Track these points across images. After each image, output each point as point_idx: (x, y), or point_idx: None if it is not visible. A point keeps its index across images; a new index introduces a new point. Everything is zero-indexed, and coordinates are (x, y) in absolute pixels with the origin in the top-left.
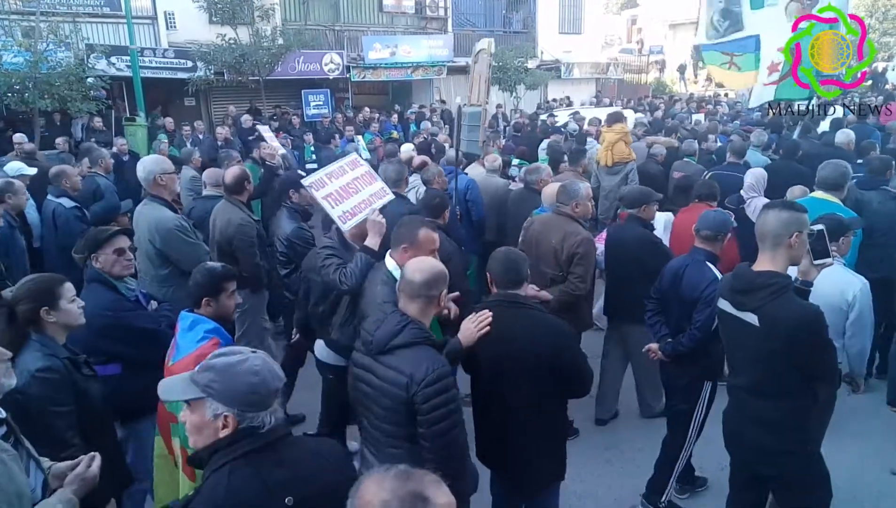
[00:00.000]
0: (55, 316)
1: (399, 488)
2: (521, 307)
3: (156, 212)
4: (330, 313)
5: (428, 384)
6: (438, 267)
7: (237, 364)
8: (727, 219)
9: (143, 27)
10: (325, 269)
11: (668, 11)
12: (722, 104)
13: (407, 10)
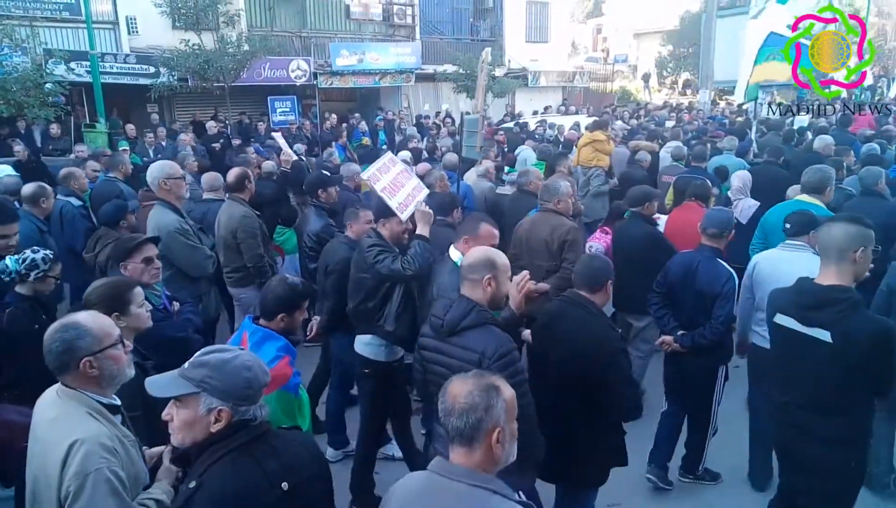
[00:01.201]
0: (125, 321)
1: (478, 382)
2: (577, 307)
3: (159, 215)
4: (379, 307)
5: (497, 358)
6: (484, 254)
7: (231, 360)
8: (731, 217)
9: (104, 32)
10: (381, 264)
11: (632, 21)
12: (689, 112)
13: (374, 17)
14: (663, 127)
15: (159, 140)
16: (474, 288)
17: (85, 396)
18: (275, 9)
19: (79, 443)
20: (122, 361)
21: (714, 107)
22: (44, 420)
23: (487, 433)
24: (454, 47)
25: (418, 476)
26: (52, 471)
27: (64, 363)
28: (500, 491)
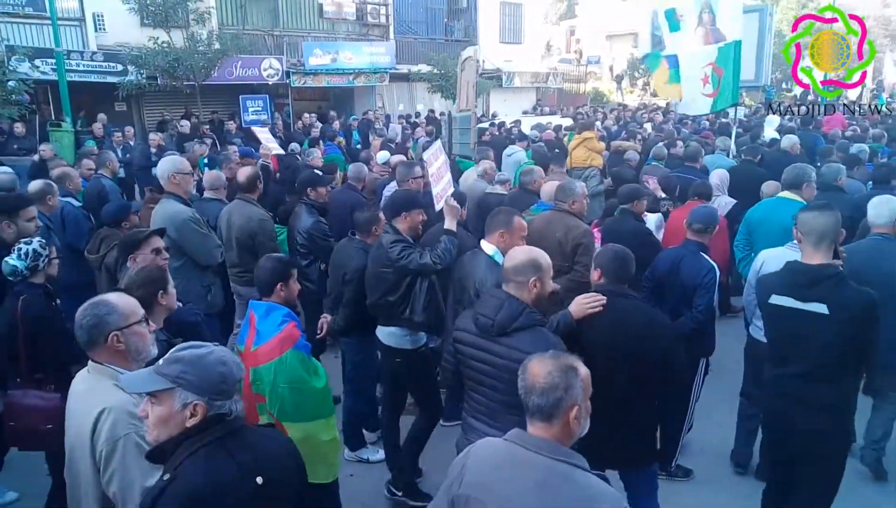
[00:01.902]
0: (165, 300)
1: (557, 362)
2: (627, 299)
3: (170, 206)
4: (402, 300)
5: None
6: (529, 256)
7: (206, 356)
8: (715, 213)
9: (70, 29)
10: (406, 259)
11: (604, 23)
12: (664, 114)
13: (348, 16)
14: (641, 128)
15: (127, 139)
16: (521, 289)
17: (112, 369)
18: (246, 7)
19: (107, 411)
20: (146, 338)
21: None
22: (76, 393)
23: (566, 411)
24: (428, 47)
25: (496, 445)
26: (86, 438)
27: (94, 337)
28: (581, 466)
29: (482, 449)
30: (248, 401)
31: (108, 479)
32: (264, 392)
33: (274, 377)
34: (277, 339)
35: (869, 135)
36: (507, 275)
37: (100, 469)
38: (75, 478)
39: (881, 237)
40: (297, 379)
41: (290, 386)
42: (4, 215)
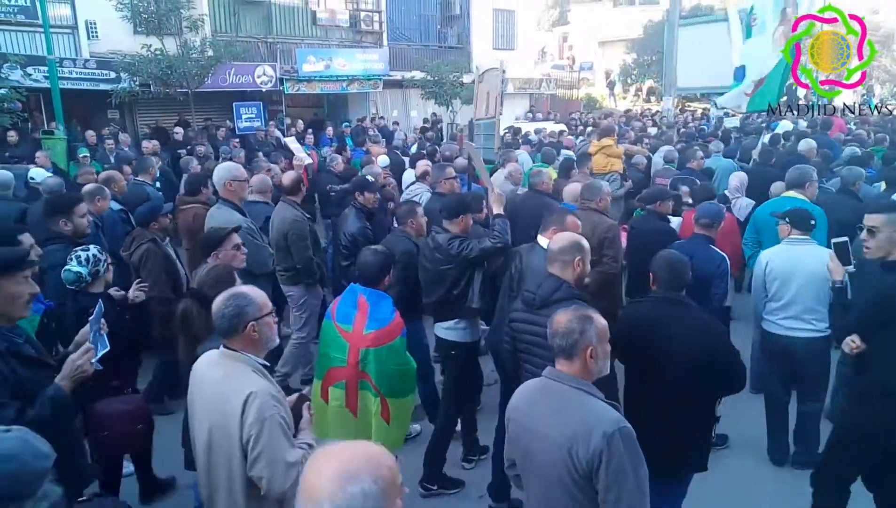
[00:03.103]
0: None
1: (575, 312)
2: (680, 306)
3: (226, 215)
4: (464, 293)
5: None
6: (572, 238)
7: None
8: (721, 209)
9: (63, 36)
10: (467, 250)
11: (597, 29)
12: (650, 118)
13: (341, 23)
14: (645, 133)
15: (121, 146)
16: (565, 268)
17: (247, 356)
18: (239, 14)
19: (254, 395)
20: (274, 328)
21: (678, 114)
22: (213, 379)
23: (583, 350)
24: (422, 54)
25: (535, 381)
26: (231, 420)
27: (233, 325)
28: (593, 393)
29: (524, 385)
30: (352, 378)
31: (254, 458)
32: (371, 372)
33: (385, 359)
34: (391, 327)
35: (870, 139)
36: (552, 256)
37: (246, 449)
38: (216, 458)
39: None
40: (403, 362)
41: (398, 368)
42: (60, 214)
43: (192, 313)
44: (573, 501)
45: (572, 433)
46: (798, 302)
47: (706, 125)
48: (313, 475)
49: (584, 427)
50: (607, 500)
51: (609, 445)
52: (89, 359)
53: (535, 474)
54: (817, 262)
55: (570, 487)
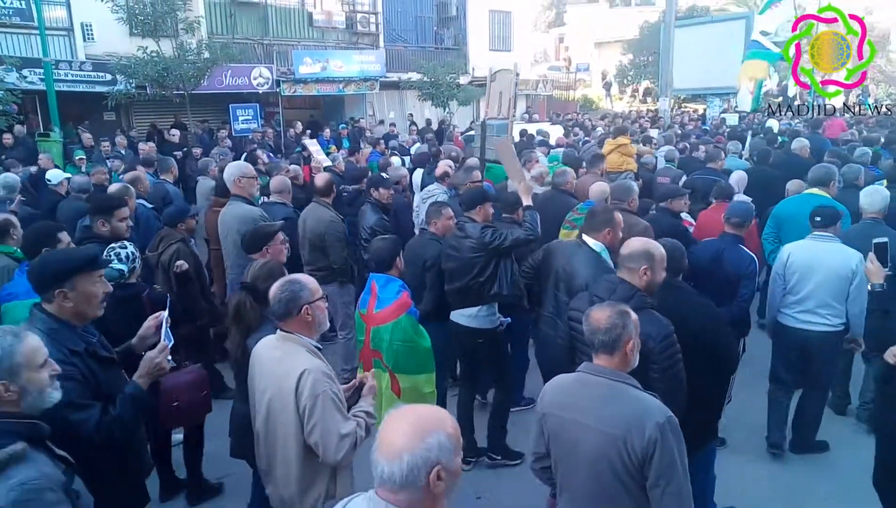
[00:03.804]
0: None
1: (613, 308)
2: (678, 290)
3: (240, 208)
4: (489, 279)
5: (662, 339)
6: (643, 246)
7: None
8: (752, 209)
9: (59, 39)
10: (500, 239)
11: (593, 30)
12: (653, 121)
13: (338, 24)
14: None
15: (118, 147)
16: (632, 275)
17: (301, 338)
18: (236, 16)
19: (307, 372)
20: (325, 312)
21: (674, 115)
22: (271, 358)
23: (625, 344)
24: (418, 55)
25: (567, 377)
26: (288, 394)
27: (289, 309)
28: (635, 385)
29: (556, 381)
30: (366, 356)
31: (310, 429)
32: (381, 349)
33: (391, 335)
34: (395, 305)
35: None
36: (621, 261)
37: (302, 421)
38: (273, 428)
39: (872, 221)
40: (408, 338)
41: (404, 344)
42: (101, 214)
43: (246, 306)
44: (624, 488)
45: (626, 425)
46: (815, 297)
47: (706, 126)
48: (390, 432)
49: (636, 419)
50: (658, 485)
51: (662, 434)
52: (166, 356)
53: (582, 464)
54: (838, 259)
55: (622, 475)
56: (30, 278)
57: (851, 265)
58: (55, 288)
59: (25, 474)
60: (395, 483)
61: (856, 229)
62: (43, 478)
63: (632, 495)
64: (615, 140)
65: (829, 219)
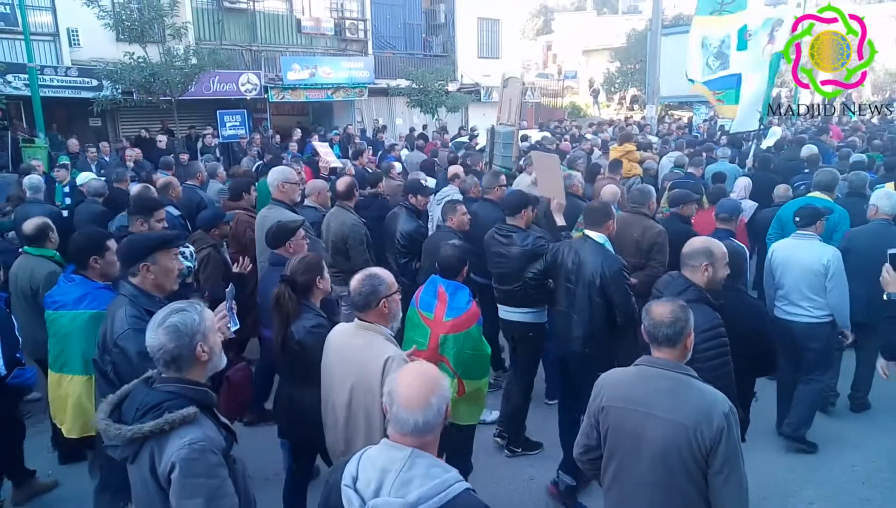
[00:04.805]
0: (322, 284)
1: (674, 303)
2: (735, 292)
3: (280, 214)
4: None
5: (708, 329)
6: (704, 244)
7: None
8: (739, 205)
9: (44, 44)
10: (543, 246)
11: (581, 38)
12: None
13: (326, 31)
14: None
15: (102, 155)
16: (694, 272)
17: (379, 327)
18: (223, 22)
19: (391, 359)
20: (399, 305)
21: (661, 123)
22: (352, 346)
23: (686, 336)
24: (407, 62)
25: (626, 370)
26: (373, 379)
27: (369, 301)
28: (695, 376)
29: (613, 375)
30: (432, 360)
31: None
32: (449, 356)
33: (461, 345)
34: (466, 316)
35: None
36: (683, 260)
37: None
38: (356, 411)
39: (886, 222)
40: (478, 347)
41: (473, 353)
42: (141, 214)
43: (285, 297)
44: (689, 477)
45: (696, 415)
46: (795, 290)
47: (697, 133)
48: (412, 389)
49: (705, 409)
50: (722, 472)
51: (728, 424)
52: (226, 323)
53: (648, 455)
54: (812, 255)
55: (689, 463)
56: (118, 256)
57: (823, 261)
58: (139, 263)
59: (194, 435)
60: (429, 427)
61: (868, 229)
62: (208, 441)
63: (694, 482)
64: (622, 146)
65: (807, 219)
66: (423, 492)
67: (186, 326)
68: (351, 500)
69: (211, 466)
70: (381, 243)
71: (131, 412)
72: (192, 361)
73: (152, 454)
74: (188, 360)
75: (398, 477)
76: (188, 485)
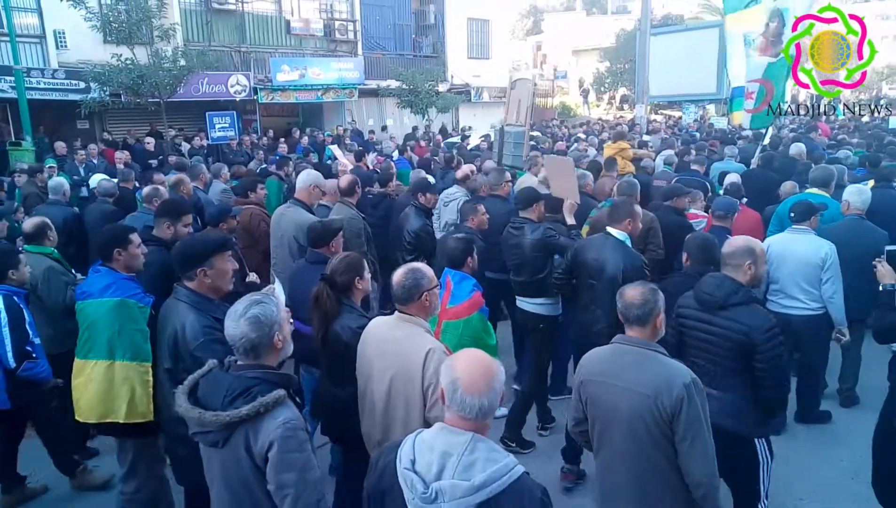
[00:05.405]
0: (361, 284)
1: (645, 287)
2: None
3: (299, 214)
4: (547, 275)
5: (765, 331)
6: (745, 243)
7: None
8: (735, 203)
9: (30, 46)
10: (557, 240)
11: (571, 38)
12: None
13: (315, 32)
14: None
15: (91, 157)
16: (736, 271)
17: (419, 320)
18: (212, 23)
19: (432, 351)
20: (438, 299)
21: (650, 122)
22: (392, 338)
23: (655, 317)
24: (397, 63)
25: (602, 349)
26: (414, 370)
27: (412, 294)
28: (662, 352)
29: (593, 353)
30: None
31: (433, 403)
32: (449, 343)
33: (462, 331)
34: (469, 303)
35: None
36: (725, 259)
37: (425, 395)
38: (395, 401)
39: (857, 217)
40: (478, 336)
41: (473, 340)
42: (169, 217)
43: (324, 295)
44: (655, 443)
45: (657, 386)
46: (790, 283)
47: (693, 133)
48: (474, 376)
49: (666, 380)
50: (686, 438)
51: (688, 393)
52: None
53: (620, 424)
54: (808, 248)
55: (654, 430)
56: (174, 261)
57: (821, 254)
58: (197, 267)
59: (287, 415)
60: (488, 412)
61: (840, 224)
62: (297, 419)
63: (661, 449)
64: (616, 144)
65: (802, 215)
66: (488, 475)
67: (266, 317)
68: (413, 483)
69: (302, 442)
70: (388, 241)
71: (218, 399)
72: (270, 349)
73: (247, 435)
74: (266, 348)
75: (461, 461)
76: (286, 460)
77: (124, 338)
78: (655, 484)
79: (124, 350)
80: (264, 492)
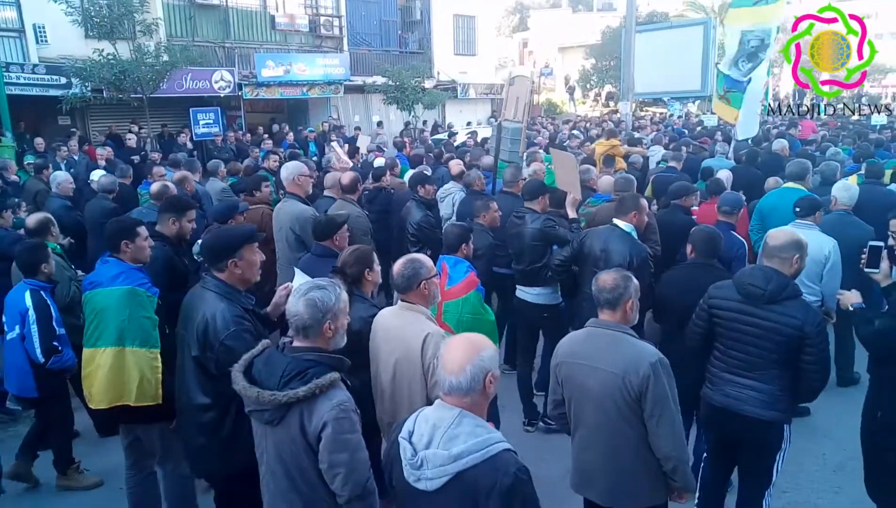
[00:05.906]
0: (371, 276)
1: (618, 273)
2: (714, 270)
3: (295, 207)
4: (545, 264)
5: (817, 324)
6: (793, 236)
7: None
8: (740, 199)
9: (9, 41)
10: (555, 231)
11: (556, 35)
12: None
13: (300, 27)
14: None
15: (72, 153)
16: (783, 264)
17: (420, 307)
18: (195, 18)
19: (430, 335)
20: (438, 287)
21: (636, 120)
22: (395, 326)
23: (625, 302)
24: (383, 59)
25: (577, 333)
26: (415, 354)
27: (410, 283)
28: (631, 334)
29: (569, 336)
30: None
31: (433, 385)
32: (451, 323)
33: (460, 309)
34: (464, 283)
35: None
36: (771, 252)
37: (426, 377)
38: (400, 385)
39: (844, 212)
40: (476, 312)
41: (473, 317)
42: (173, 212)
43: None
44: (625, 420)
45: (625, 365)
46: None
47: (681, 130)
48: (452, 354)
49: (633, 360)
50: (653, 415)
51: (654, 372)
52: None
53: (591, 402)
54: (811, 244)
55: (623, 408)
56: (204, 253)
57: (825, 251)
58: (228, 259)
59: (340, 397)
60: (462, 391)
61: (828, 219)
62: (350, 401)
63: (631, 425)
64: (608, 141)
65: (808, 209)
66: (467, 447)
67: (323, 303)
68: (406, 450)
69: (354, 423)
70: (387, 235)
71: (274, 378)
72: (319, 333)
73: (301, 415)
74: (315, 332)
75: (446, 433)
76: (339, 441)
77: (134, 325)
78: (629, 460)
79: (134, 337)
80: (315, 470)
